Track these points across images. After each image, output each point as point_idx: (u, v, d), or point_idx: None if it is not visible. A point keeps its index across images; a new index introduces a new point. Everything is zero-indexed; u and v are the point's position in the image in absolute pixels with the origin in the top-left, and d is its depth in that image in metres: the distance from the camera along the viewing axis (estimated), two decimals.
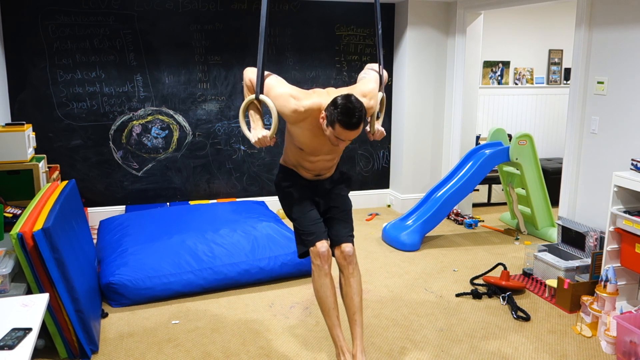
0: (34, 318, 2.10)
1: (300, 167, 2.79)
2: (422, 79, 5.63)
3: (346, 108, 2.40)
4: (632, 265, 3.31)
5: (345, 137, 2.47)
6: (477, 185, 5.01)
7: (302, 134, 2.61)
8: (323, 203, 2.85)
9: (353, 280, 2.73)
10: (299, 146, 2.68)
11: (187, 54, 5.21)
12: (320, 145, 2.65)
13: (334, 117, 2.42)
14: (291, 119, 2.55)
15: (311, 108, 2.52)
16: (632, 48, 3.64)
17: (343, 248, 2.75)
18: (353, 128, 2.43)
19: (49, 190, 3.48)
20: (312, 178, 2.82)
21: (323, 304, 2.70)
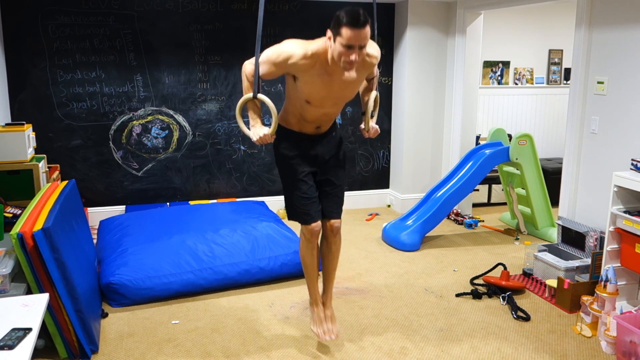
0: (34, 318, 2.10)
1: (302, 120, 2.83)
2: (422, 79, 5.63)
3: (351, 10, 2.45)
4: (632, 265, 3.31)
5: (355, 41, 2.43)
6: (477, 185, 5.01)
7: (312, 82, 2.64)
8: (320, 172, 2.95)
9: (335, 247, 3.09)
10: (306, 99, 2.72)
11: (187, 54, 5.21)
12: (328, 94, 2.70)
13: (340, 21, 2.45)
14: (301, 67, 2.59)
15: (317, 51, 2.59)
16: (632, 48, 3.64)
17: (333, 223, 3.01)
18: (361, 26, 2.42)
19: (49, 190, 3.48)
20: (313, 132, 2.88)
21: (307, 267, 3.08)
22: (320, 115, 2.82)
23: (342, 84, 2.70)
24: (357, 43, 2.45)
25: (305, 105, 2.76)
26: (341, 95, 2.77)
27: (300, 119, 2.84)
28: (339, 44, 2.47)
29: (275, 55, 2.63)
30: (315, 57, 2.59)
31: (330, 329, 3.08)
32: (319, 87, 2.67)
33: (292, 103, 2.83)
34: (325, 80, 2.65)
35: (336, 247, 3.10)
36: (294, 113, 2.84)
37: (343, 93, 2.76)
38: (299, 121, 2.85)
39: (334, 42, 2.50)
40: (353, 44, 2.45)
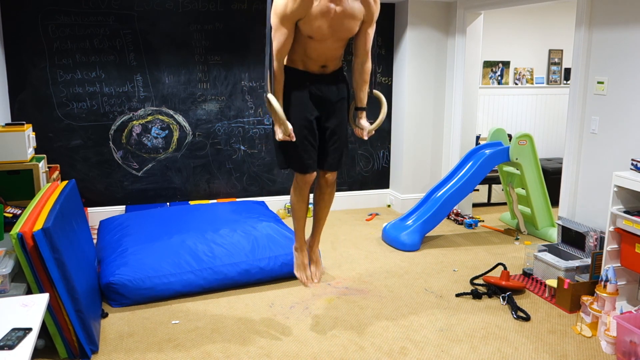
0: (34, 318, 2.10)
1: (307, 58, 2.83)
2: (422, 79, 5.63)
3: None
4: (632, 265, 3.31)
5: None
6: (477, 185, 5.01)
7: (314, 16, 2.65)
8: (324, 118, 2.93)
9: (328, 196, 3.14)
10: (309, 34, 2.73)
11: (187, 54, 5.21)
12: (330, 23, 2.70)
13: None
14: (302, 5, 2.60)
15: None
16: (632, 48, 3.64)
17: (328, 175, 3.03)
18: None
19: (49, 190, 3.48)
20: (318, 71, 2.87)
21: (295, 212, 3.13)
22: (323, 51, 2.80)
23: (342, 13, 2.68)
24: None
25: (308, 42, 2.76)
26: (342, 28, 2.74)
27: (304, 57, 2.83)
28: None
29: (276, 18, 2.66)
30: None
31: (314, 272, 3.21)
32: (320, 20, 2.67)
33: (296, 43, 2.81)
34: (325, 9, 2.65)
35: (329, 197, 3.14)
36: (298, 52, 2.83)
37: (344, 24, 2.74)
38: (303, 60, 2.85)
39: None
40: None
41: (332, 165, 2.99)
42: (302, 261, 3.22)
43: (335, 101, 2.94)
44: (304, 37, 2.75)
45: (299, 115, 2.85)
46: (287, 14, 2.64)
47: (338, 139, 2.98)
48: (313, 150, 2.90)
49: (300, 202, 3.08)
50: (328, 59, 2.87)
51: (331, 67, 2.92)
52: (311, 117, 2.87)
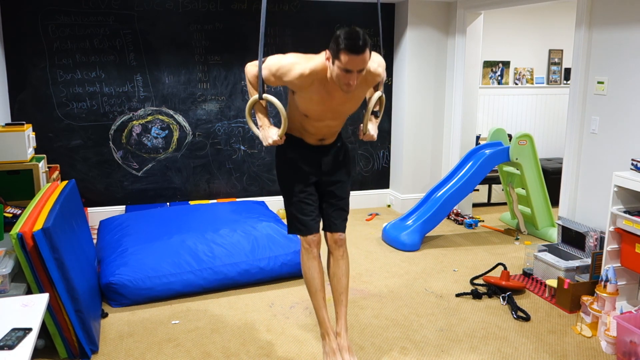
0: (34, 318, 2.10)
1: (304, 131, 2.76)
2: (422, 79, 5.63)
3: (349, 32, 2.36)
4: (632, 265, 3.31)
5: (353, 66, 2.36)
6: (477, 185, 5.01)
7: (310, 98, 2.59)
8: (323, 183, 2.84)
9: (342, 262, 2.86)
10: (304, 113, 2.66)
11: (187, 54, 5.21)
12: (326, 110, 2.64)
13: (338, 45, 2.36)
14: (298, 85, 2.54)
15: (316, 69, 2.51)
16: (632, 48, 3.64)
17: (336, 235, 2.85)
18: (359, 52, 2.34)
19: (49, 190, 3.48)
20: (316, 143, 2.79)
21: (310, 285, 2.80)
22: (321, 128, 2.73)
23: (341, 100, 2.61)
24: (355, 68, 2.38)
25: (304, 118, 2.69)
26: (341, 110, 2.69)
27: (302, 130, 2.75)
28: (337, 67, 2.39)
29: (275, 67, 2.57)
30: (314, 75, 2.52)
31: None
32: (316, 104, 2.60)
33: (292, 113, 2.75)
34: (323, 97, 2.58)
35: (344, 263, 2.87)
36: (295, 123, 2.75)
37: (342, 108, 2.67)
38: (301, 131, 2.77)
39: (332, 64, 2.42)
40: (351, 69, 2.38)
41: (336, 225, 2.86)
42: (331, 347, 2.79)
43: (334, 166, 2.85)
44: (300, 114, 2.67)
45: (297, 179, 2.78)
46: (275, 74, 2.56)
47: (339, 198, 2.88)
48: (314, 210, 2.80)
49: (311, 269, 2.78)
50: (327, 134, 2.78)
51: (329, 140, 2.82)
52: (309, 182, 2.79)
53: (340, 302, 2.85)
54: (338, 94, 2.57)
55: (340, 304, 2.85)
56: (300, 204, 2.78)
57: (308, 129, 2.74)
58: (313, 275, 2.79)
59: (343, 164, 2.90)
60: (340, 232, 2.86)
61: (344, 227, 2.88)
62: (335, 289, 2.87)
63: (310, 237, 2.78)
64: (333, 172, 2.85)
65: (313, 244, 2.79)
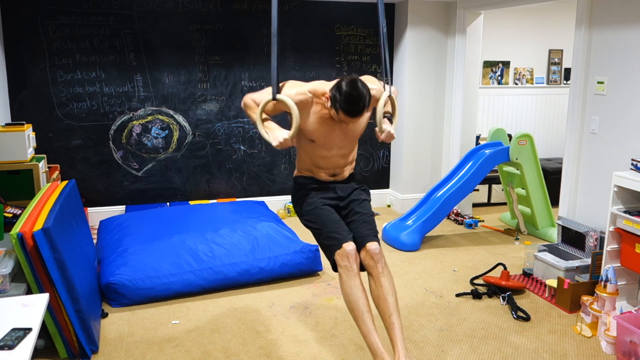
0: (34, 318, 2.09)
1: (315, 167, 2.74)
2: (422, 79, 5.63)
3: (350, 97, 2.40)
4: (632, 265, 3.31)
5: (349, 122, 2.52)
6: (477, 185, 5.01)
7: (314, 122, 2.60)
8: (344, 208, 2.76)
9: (384, 279, 2.57)
10: (310, 138, 2.64)
11: (187, 54, 5.21)
12: (332, 133, 2.63)
13: (337, 104, 2.44)
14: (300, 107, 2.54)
15: (315, 90, 2.57)
16: (632, 48, 3.64)
17: (369, 247, 2.60)
18: (356, 116, 2.46)
19: (49, 190, 3.48)
20: (329, 179, 2.77)
21: (355, 308, 2.51)
22: (331, 158, 2.71)
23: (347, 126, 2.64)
24: (350, 122, 2.53)
25: (312, 148, 2.67)
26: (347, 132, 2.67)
27: (313, 166, 2.74)
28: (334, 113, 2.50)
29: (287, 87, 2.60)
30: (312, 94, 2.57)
31: None
32: (320, 127, 2.61)
33: (301, 150, 2.75)
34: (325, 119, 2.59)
35: (387, 280, 2.58)
36: (305, 159, 2.76)
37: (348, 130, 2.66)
38: (312, 169, 2.76)
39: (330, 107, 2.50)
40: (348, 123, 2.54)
41: (367, 235, 2.64)
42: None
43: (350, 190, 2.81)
44: (307, 140, 2.66)
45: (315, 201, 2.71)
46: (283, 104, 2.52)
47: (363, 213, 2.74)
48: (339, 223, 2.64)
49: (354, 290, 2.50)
50: (338, 165, 2.76)
51: (342, 174, 2.80)
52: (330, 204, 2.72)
53: (392, 324, 2.53)
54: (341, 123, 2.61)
55: (392, 326, 2.53)
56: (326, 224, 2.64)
57: (318, 163, 2.72)
58: (357, 295, 2.50)
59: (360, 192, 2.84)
60: (373, 241, 2.62)
61: (377, 238, 2.65)
62: (383, 311, 2.57)
63: (345, 248, 2.54)
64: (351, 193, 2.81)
65: (350, 257, 2.53)
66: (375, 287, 2.60)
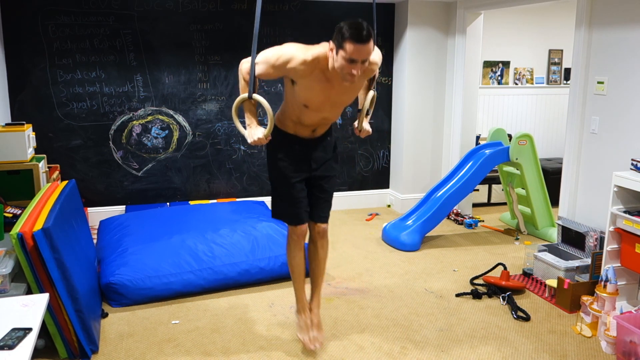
0: (34, 318, 2.10)
1: (299, 124, 2.81)
2: (422, 79, 5.63)
3: (354, 23, 2.42)
4: (632, 265, 3.31)
5: (358, 56, 2.41)
6: (477, 185, 5.01)
7: (311, 87, 2.62)
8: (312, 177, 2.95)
9: (322, 250, 3.09)
10: (304, 103, 2.69)
11: (187, 54, 5.21)
12: (326, 99, 2.68)
13: (343, 35, 2.41)
14: (301, 72, 2.57)
15: (318, 57, 2.57)
16: (632, 48, 3.64)
17: (320, 227, 3.03)
18: (364, 41, 2.39)
19: (49, 190, 3.48)
20: (308, 135, 2.86)
21: (294, 271, 3.07)
22: (318, 120, 2.80)
23: (340, 90, 2.67)
24: (360, 58, 2.43)
25: (303, 110, 2.72)
26: (340, 100, 2.75)
27: (297, 123, 2.81)
28: (341, 57, 2.44)
29: (274, 57, 2.61)
30: (315, 63, 2.56)
31: (316, 337, 3.05)
32: (317, 93, 2.64)
33: (290, 106, 2.79)
34: (324, 86, 2.62)
35: (323, 251, 3.10)
36: (292, 116, 2.80)
37: (341, 98, 2.74)
38: (295, 124, 2.82)
39: (336, 54, 2.47)
40: (356, 58, 2.42)
41: (320, 216, 3.02)
42: (305, 322, 3.08)
43: (323, 159, 2.95)
44: (300, 104, 2.71)
45: (288, 173, 2.86)
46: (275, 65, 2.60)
47: (327, 192, 3.02)
48: (302, 203, 2.93)
49: (296, 258, 3.03)
50: (321, 125, 2.86)
51: (321, 131, 2.91)
52: (300, 177, 2.89)
53: (317, 284, 3.15)
54: (338, 84, 2.62)
55: (316, 285, 3.15)
56: (292, 197, 2.90)
57: (304, 121, 2.79)
58: (298, 262, 3.04)
59: (332, 159, 3.01)
60: (325, 223, 3.06)
61: (327, 218, 3.07)
62: (313, 272, 3.14)
63: (299, 228, 2.94)
64: (323, 167, 2.96)
65: (301, 235, 2.97)
66: (314, 253, 3.11)
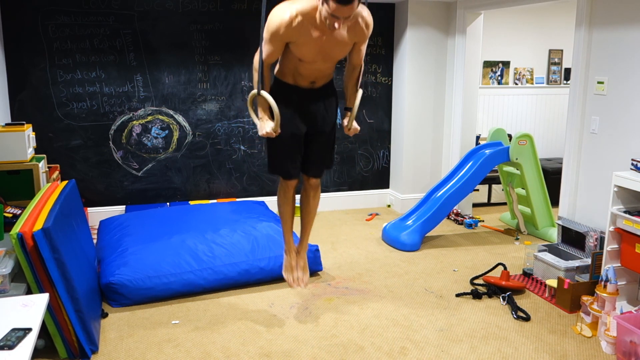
0: (34, 318, 2.10)
1: (297, 74, 2.93)
2: (422, 79, 5.63)
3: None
4: (632, 265, 3.31)
5: (340, 14, 2.53)
6: (477, 185, 5.01)
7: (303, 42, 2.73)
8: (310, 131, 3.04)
9: (313, 201, 3.28)
10: (299, 57, 2.82)
11: (187, 54, 5.21)
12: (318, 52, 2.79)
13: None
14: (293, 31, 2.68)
15: (304, 10, 2.67)
16: (632, 48, 3.64)
17: (312, 180, 3.21)
18: (347, 3, 2.49)
19: (49, 190, 3.48)
20: (308, 86, 2.96)
21: (282, 216, 3.27)
22: (313, 71, 2.90)
23: (332, 42, 2.77)
24: (342, 16, 2.55)
25: (298, 63, 2.85)
26: (332, 53, 2.84)
27: (295, 73, 2.93)
28: (325, 10, 2.56)
29: (267, 34, 2.75)
30: (303, 15, 2.67)
31: (301, 277, 3.32)
32: (309, 47, 2.76)
33: (286, 59, 2.90)
34: (314, 39, 2.73)
35: (315, 202, 3.29)
36: (289, 67, 2.92)
37: (333, 51, 2.83)
38: (294, 75, 2.94)
39: (321, 5, 2.58)
40: (338, 16, 2.54)
41: (315, 172, 3.19)
42: (290, 263, 3.34)
43: (323, 115, 3.04)
44: (295, 58, 2.83)
45: (287, 127, 2.94)
46: (277, 34, 2.73)
47: (323, 149, 3.14)
48: (298, 159, 3.08)
49: (285, 205, 3.23)
50: (318, 77, 2.97)
51: (320, 83, 3.00)
52: (298, 132, 3.00)
53: (305, 229, 3.35)
54: (329, 35, 2.74)
55: (305, 230, 3.36)
56: (287, 152, 3.02)
57: (301, 72, 2.91)
58: (287, 208, 3.24)
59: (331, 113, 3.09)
60: (317, 178, 3.21)
61: (322, 174, 3.23)
62: (304, 218, 3.34)
63: (291, 182, 3.12)
64: (321, 120, 3.05)
65: (292, 187, 3.15)
66: (305, 201, 3.30)
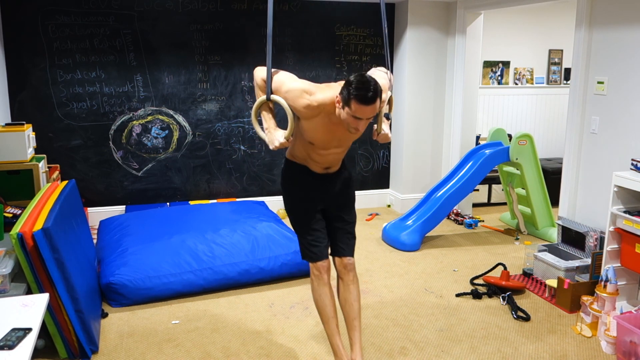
0: (34, 318, 2.09)
1: (309, 159, 2.72)
2: (422, 79, 5.63)
3: (361, 82, 2.35)
4: (632, 265, 3.31)
5: (363, 115, 2.38)
6: (477, 185, 5.01)
7: (315, 128, 2.56)
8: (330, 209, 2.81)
9: (353, 287, 2.79)
10: (310, 141, 2.64)
11: (187, 54, 5.21)
12: (332, 139, 2.62)
13: (349, 94, 2.36)
14: (304, 114, 2.51)
15: (324, 102, 2.48)
16: (632, 48, 3.64)
17: (345, 261, 2.78)
18: (369, 102, 2.35)
19: (49, 190, 3.48)
20: (321, 172, 2.77)
21: (322, 312, 2.75)
22: (326, 156, 2.70)
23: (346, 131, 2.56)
24: (364, 117, 2.39)
25: (309, 146, 2.66)
26: (346, 138, 2.66)
27: (307, 158, 2.72)
28: (346, 113, 2.40)
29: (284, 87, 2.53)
30: (321, 108, 2.48)
31: None
32: (321, 133, 2.58)
33: (297, 140, 2.72)
34: (328, 128, 2.56)
35: (355, 288, 2.80)
36: (300, 151, 2.72)
37: (348, 137, 2.64)
38: (306, 159, 2.74)
39: (342, 108, 2.41)
40: (361, 117, 2.39)
41: (344, 250, 2.80)
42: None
43: (339, 193, 2.82)
44: (305, 140, 2.64)
45: (305, 207, 2.76)
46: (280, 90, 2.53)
47: (347, 223, 2.83)
48: (323, 237, 2.76)
49: (322, 297, 2.73)
50: (332, 162, 2.76)
51: (335, 168, 2.80)
52: (317, 208, 2.76)
53: (353, 327, 2.78)
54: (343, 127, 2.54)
55: (354, 329, 2.78)
56: (309, 231, 2.74)
57: (313, 158, 2.70)
58: (325, 302, 2.73)
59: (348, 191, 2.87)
60: (349, 256, 2.80)
61: (353, 252, 2.83)
62: (347, 314, 2.79)
63: (319, 264, 2.72)
64: (340, 197, 2.82)
65: (323, 270, 2.73)
66: (343, 291, 2.80)
